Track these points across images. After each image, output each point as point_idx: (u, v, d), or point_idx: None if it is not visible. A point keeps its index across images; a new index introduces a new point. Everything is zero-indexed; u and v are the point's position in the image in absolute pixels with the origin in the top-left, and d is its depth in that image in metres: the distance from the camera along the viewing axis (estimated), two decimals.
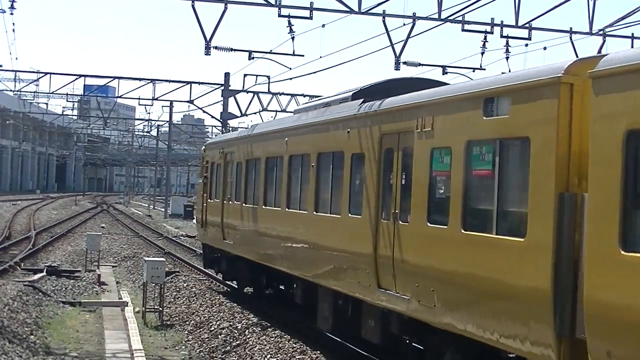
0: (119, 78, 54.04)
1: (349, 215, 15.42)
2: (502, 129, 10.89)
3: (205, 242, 28.16)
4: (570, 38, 30.78)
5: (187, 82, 53.55)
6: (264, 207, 20.79)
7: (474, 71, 36.66)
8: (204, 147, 29.60)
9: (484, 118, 11.26)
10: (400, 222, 13.43)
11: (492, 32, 31.21)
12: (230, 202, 24.21)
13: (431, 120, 12.59)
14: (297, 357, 16.71)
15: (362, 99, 15.76)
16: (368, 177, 14.70)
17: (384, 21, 29.90)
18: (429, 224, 12.48)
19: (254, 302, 23.76)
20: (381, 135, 14.27)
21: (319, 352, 16.91)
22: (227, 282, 27.18)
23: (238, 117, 53.44)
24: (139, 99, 58.45)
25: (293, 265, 18.56)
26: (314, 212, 17.17)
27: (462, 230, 11.51)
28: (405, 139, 13.45)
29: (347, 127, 15.75)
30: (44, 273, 28.37)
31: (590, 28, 29.09)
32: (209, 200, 27.10)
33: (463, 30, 30.49)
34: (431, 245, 12.37)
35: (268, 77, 49.47)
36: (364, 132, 15.01)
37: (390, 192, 13.91)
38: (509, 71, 21.37)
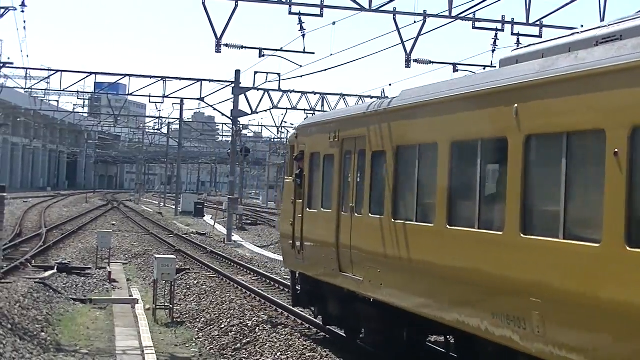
0: (130, 76, 54.20)
1: None
2: None
3: (299, 271, 19.38)
4: None
5: (198, 80, 53.73)
6: (448, 227, 12.41)
7: (484, 69, 36.67)
8: (294, 130, 20.63)
9: None
10: None
11: (502, 30, 31.27)
12: (357, 215, 15.79)
13: None
14: (307, 355, 16.68)
15: None
16: None
17: (394, 19, 29.95)
18: None
19: (264, 301, 23.77)
20: None
21: (328, 350, 16.89)
22: (328, 326, 19.14)
23: (249, 114, 53.67)
24: (150, 96, 58.57)
25: (539, 336, 10.12)
26: (628, 248, 8.74)
27: None
28: None
29: None
30: (55, 270, 28.42)
31: None
32: (307, 209, 18.43)
33: (474, 28, 30.55)
34: None
35: (279, 74, 49.76)
36: None
37: None
38: None
